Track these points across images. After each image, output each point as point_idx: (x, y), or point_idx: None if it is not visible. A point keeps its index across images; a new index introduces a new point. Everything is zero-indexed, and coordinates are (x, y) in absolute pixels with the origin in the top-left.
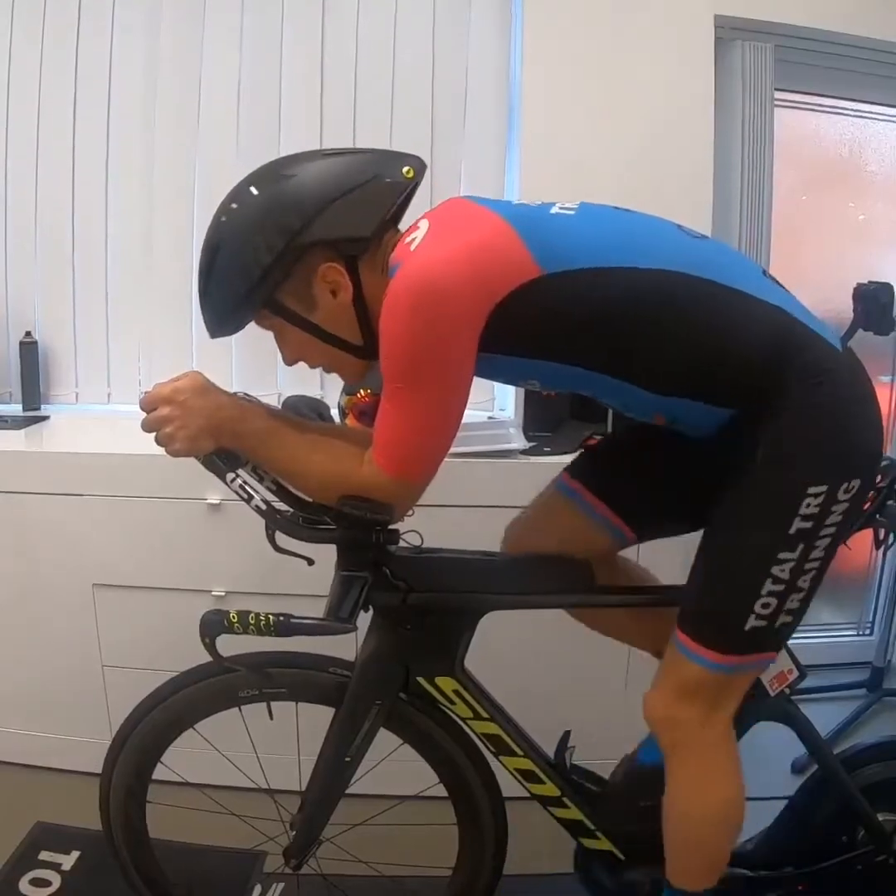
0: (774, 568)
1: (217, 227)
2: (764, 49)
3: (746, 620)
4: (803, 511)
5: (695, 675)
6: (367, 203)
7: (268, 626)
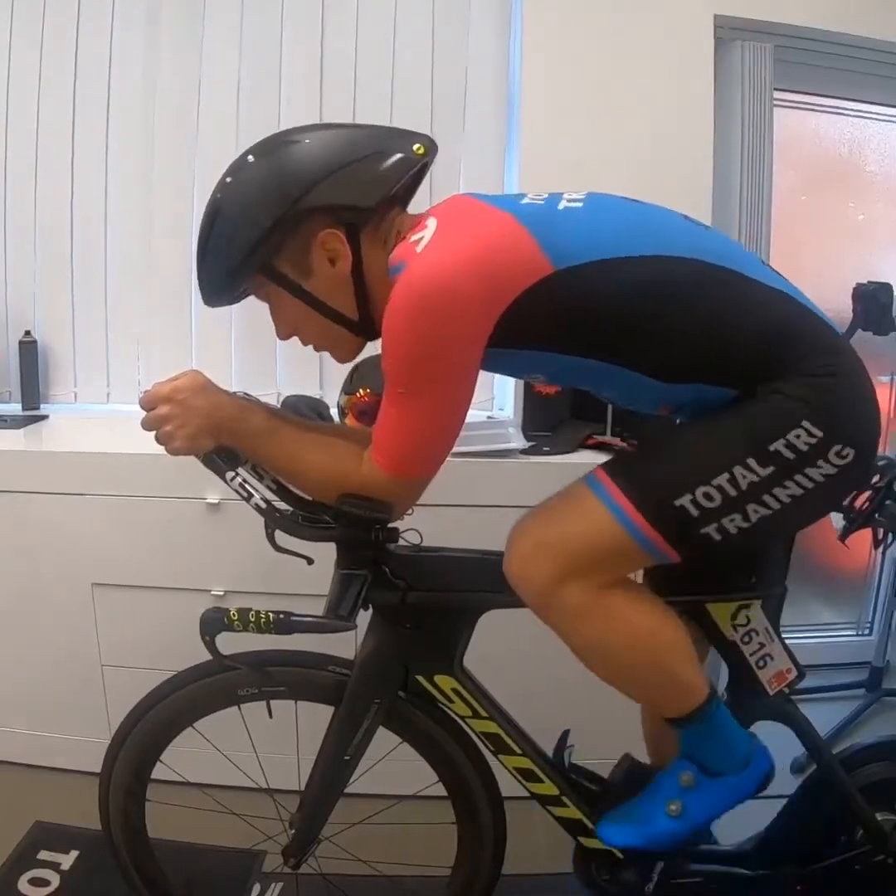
0: (737, 468)
1: (219, 191)
2: (763, 49)
3: (681, 496)
4: (791, 438)
5: (593, 516)
6: (372, 174)
7: (268, 623)
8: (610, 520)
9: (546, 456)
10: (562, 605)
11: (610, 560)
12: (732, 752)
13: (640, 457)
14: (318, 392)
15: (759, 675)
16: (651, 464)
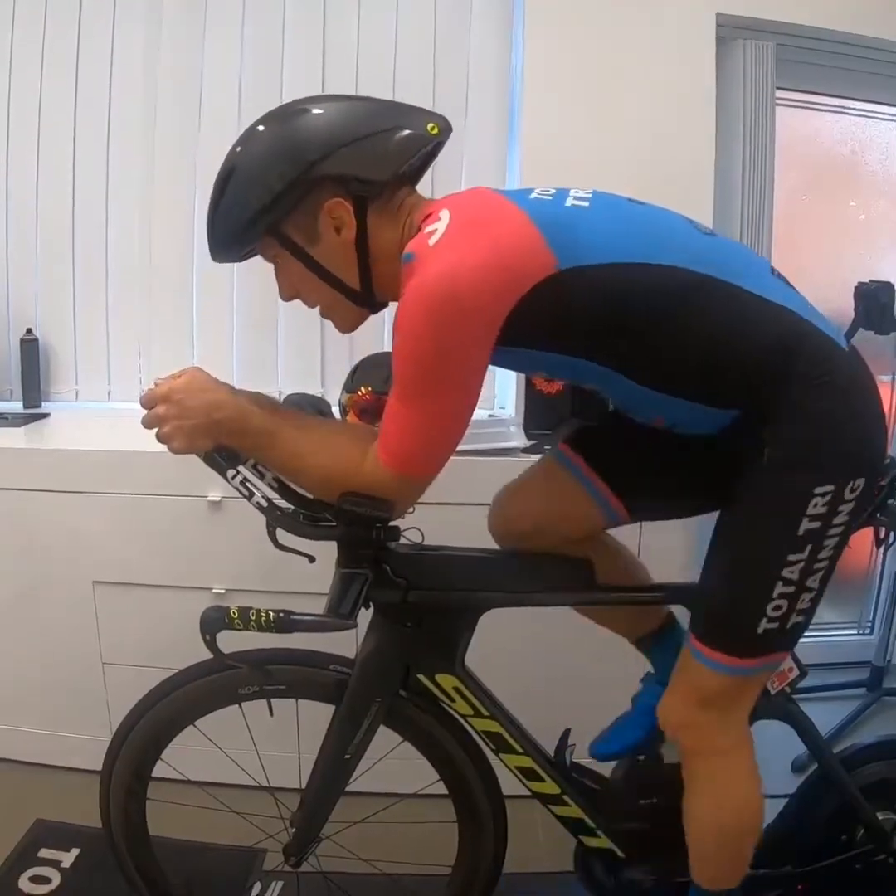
0: (784, 570)
1: (235, 152)
2: (765, 48)
3: (759, 624)
4: (811, 511)
5: (711, 680)
6: (386, 148)
7: (268, 622)
8: (725, 677)
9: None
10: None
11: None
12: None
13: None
14: (320, 390)
15: None
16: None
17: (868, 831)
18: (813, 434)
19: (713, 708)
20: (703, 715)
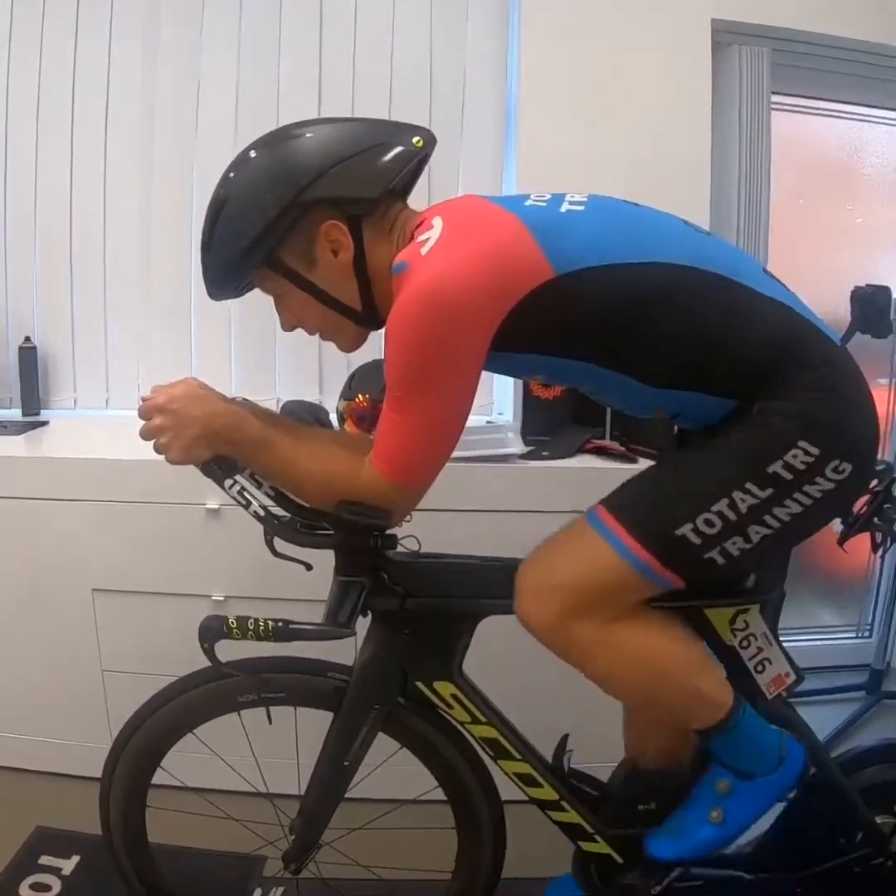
0: (736, 492)
1: (225, 182)
2: (761, 53)
3: (682, 525)
4: (788, 459)
5: (597, 553)
6: (374, 166)
7: (266, 631)
8: (613, 556)
9: (545, 461)
10: (572, 643)
11: (616, 594)
12: (764, 754)
13: (639, 489)
14: (318, 397)
15: (758, 680)
16: (650, 496)
17: (867, 835)
18: (808, 406)
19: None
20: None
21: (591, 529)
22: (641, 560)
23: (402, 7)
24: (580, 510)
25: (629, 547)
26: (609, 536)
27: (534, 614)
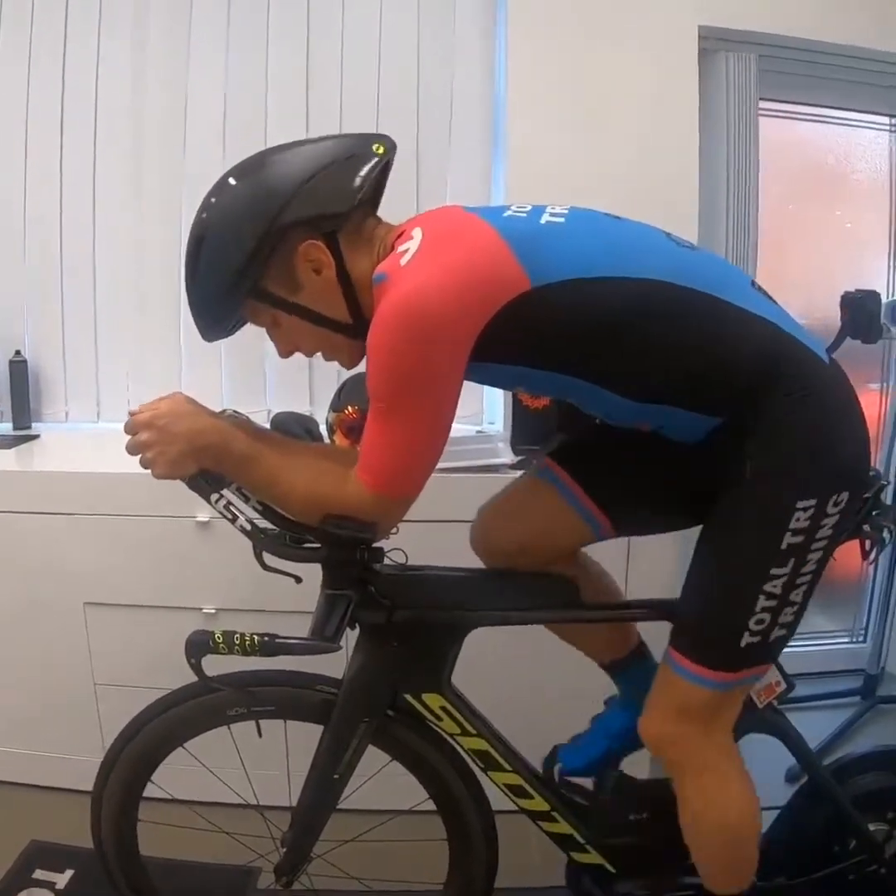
0: (767, 585)
1: (199, 222)
2: (748, 59)
3: (742, 638)
4: (793, 526)
5: (692, 694)
6: (340, 180)
7: (253, 646)
8: (707, 691)
9: None
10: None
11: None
12: None
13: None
14: (308, 409)
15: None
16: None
17: (860, 842)
18: (795, 448)
19: (695, 721)
20: (685, 728)
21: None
22: (728, 681)
23: (390, 15)
24: None
25: (717, 680)
26: (693, 678)
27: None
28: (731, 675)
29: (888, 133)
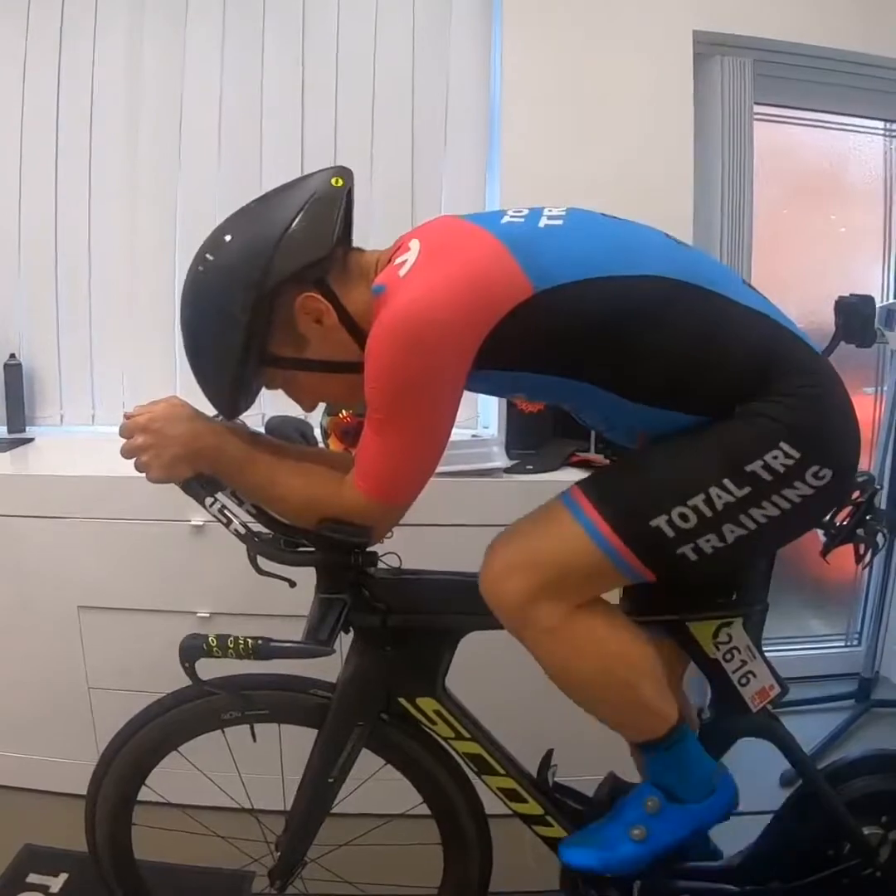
0: (713, 489)
1: (187, 318)
2: (743, 63)
3: (657, 516)
4: (768, 459)
5: (569, 535)
6: (312, 225)
7: (246, 650)
8: (585, 539)
9: (529, 474)
10: (535, 624)
11: (584, 579)
12: (698, 781)
13: (616, 475)
14: (302, 413)
15: (742, 693)
16: (627, 483)
17: (854, 846)
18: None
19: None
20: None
21: (566, 511)
22: (614, 547)
23: (385, 22)
24: None
25: (603, 533)
26: (584, 520)
27: (500, 591)
28: (619, 543)
29: (882, 138)
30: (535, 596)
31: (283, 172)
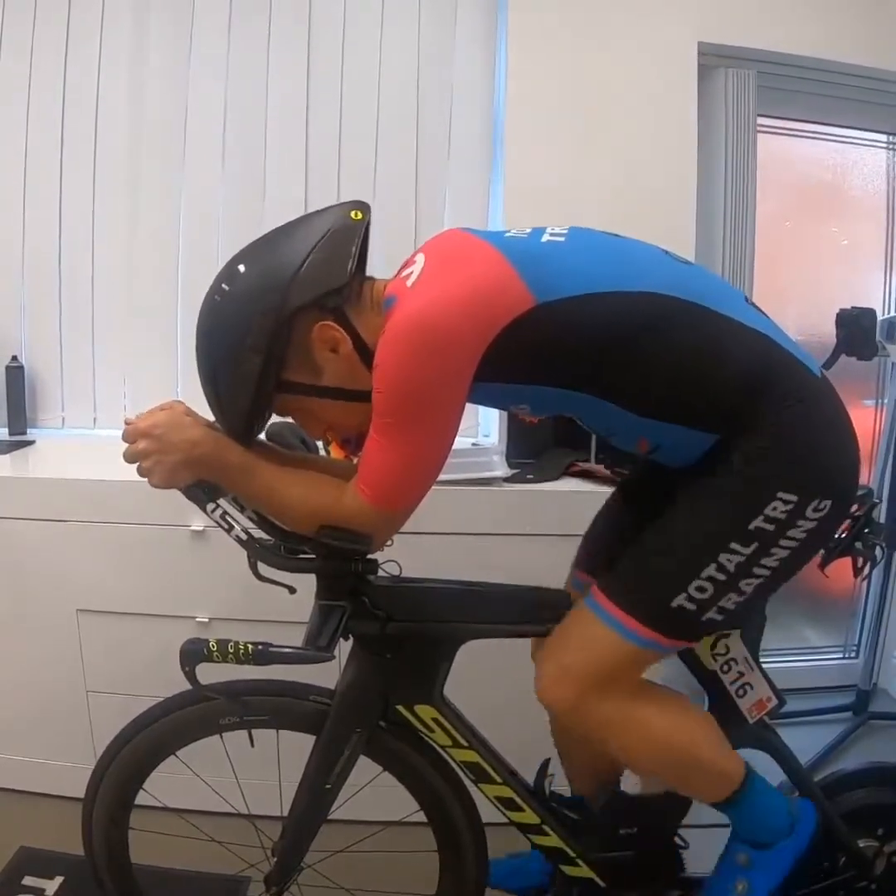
0: (722, 555)
1: (204, 348)
2: (747, 76)
3: (676, 597)
4: (768, 512)
5: (604, 642)
6: (331, 255)
7: (246, 655)
8: (617, 638)
9: (529, 483)
10: (594, 723)
11: (626, 671)
12: (777, 821)
13: (630, 568)
14: None
15: (739, 704)
16: (641, 573)
17: (850, 858)
18: (784, 447)
19: (598, 678)
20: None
21: (593, 615)
22: (645, 638)
23: (390, 31)
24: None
25: (630, 628)
26: (611, 621)
27: (555, 701)
28: (650, 633)
29: (885, 151)
30: (589, 697)
31: (287, 182)
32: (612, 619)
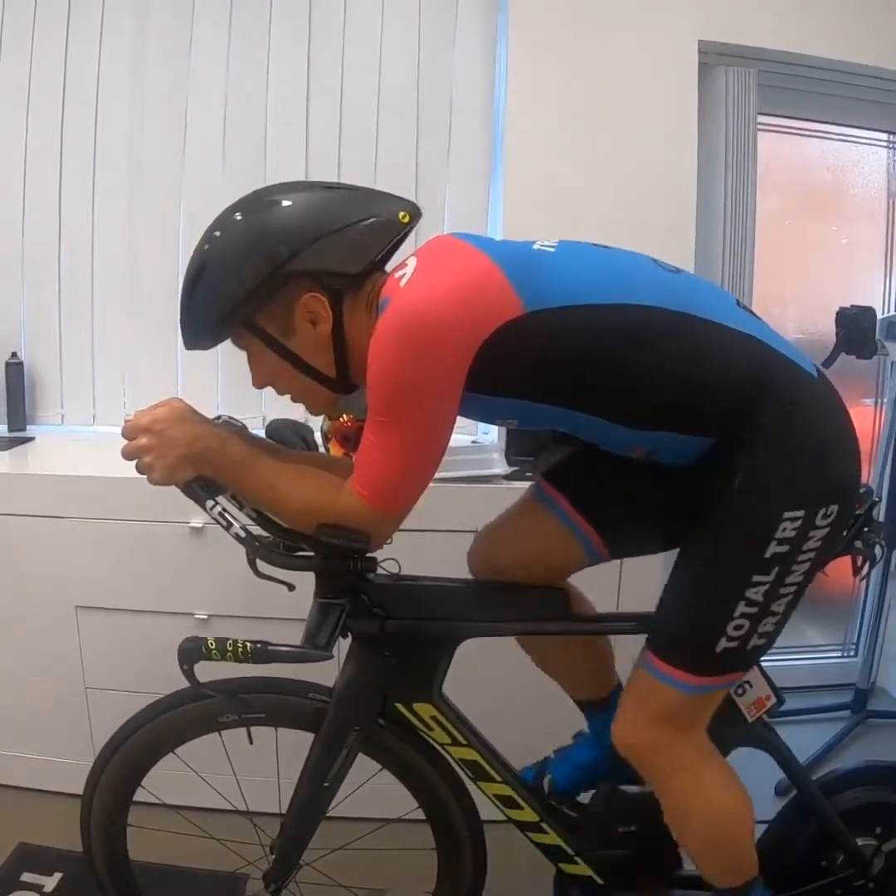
0: (748, 591)
1: (205, 247)
2: (747, 74)
3: (718, 642)
4: (780, 535)
5: (666, 697)
6: (359, 241)
7: (245, 653)
8: (675, 692)
9: (528, 481)
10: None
11: (692, 718)
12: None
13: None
14: (303, 416)
15: (738, 703)
16: (682, 631)
17: (848, 857)
18: (784, 460)
19: (669, 725)
20: (659, 733)
21: (650, 675)
22: (698, 685)
23: (390, 33)
24: None
25: (685, 681)
26: (667, 680)
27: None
28: (705, 680)
29: (885, 149)
30: (658, 739)
31: (287, 180)
32: (667, 677)
